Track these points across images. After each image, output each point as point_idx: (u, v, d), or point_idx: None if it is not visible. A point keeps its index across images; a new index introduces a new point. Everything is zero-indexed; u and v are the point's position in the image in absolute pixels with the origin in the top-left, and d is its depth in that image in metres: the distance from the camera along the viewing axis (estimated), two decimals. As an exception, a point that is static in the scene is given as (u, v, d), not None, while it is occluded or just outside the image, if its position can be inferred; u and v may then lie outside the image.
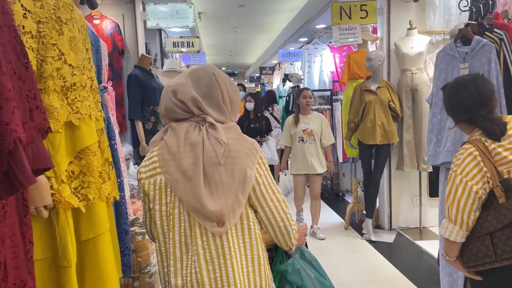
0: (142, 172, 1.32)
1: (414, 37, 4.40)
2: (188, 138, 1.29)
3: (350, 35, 4.64)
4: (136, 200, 2.63)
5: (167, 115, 1.34)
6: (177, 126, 1.31)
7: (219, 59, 17.06)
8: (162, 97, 1.36)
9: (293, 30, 8.24)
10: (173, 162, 1.28)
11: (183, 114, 1.32)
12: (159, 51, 6.37)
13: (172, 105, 1.31)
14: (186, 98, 1.30)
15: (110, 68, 4.27)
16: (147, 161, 1.34)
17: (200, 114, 1.32)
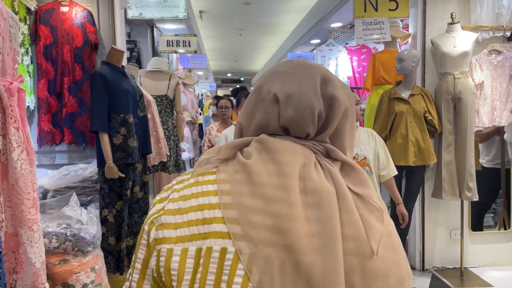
0: (167, 225, 0.71)
1: (457, 33, 3.54)
2: (305, 179, 0.71)
3: (376, 31, 3.79)
4: (71, 258, 1.79)
5: (266, 122, 0.77)
6: (280, 148, 0.74)
7: (223, 64, 16.29)
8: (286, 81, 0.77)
9: (304, 30, 7.42)
10: (268, 219, 0.68)
11: (302, 129, 0.76)
12: (151, 51, 5.56)
13: (311, 107, 0.75)
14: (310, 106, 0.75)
15: (80, 66, 3.45)
16: (181, 201, 0.72)
17: (314, 138, 0.78)
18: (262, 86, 0.79)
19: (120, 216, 2.88)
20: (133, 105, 2.89)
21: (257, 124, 0.78)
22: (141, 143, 2.99)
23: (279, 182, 0.69)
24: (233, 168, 0.73)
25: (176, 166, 3.88)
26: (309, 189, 0.70)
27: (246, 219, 0.67)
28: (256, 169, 0.71)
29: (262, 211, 0.67)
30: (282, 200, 0.67)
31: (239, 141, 0.77)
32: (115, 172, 2.75)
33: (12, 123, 1.25)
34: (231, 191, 0.70)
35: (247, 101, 0.81)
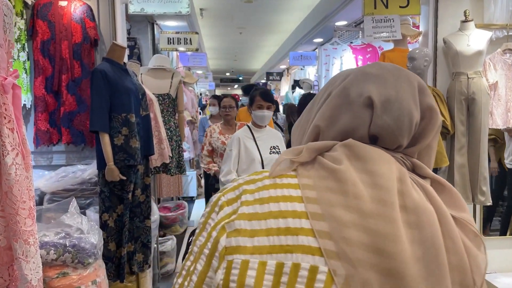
0: (242, 232, 0.61)
1: (471, 31, 3.42)
2: (404, 195, 0.62)
3: (386, 29, 3.67)
4: (71, 271, 1.64)
5: (353, 128, 0.68)
6: (373, 156, 0.64)
7: (222, 63, 16.16)
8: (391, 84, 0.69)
9: (307, 29, 7.29)
10: (364, 236, 0.58)
11: (395, 139, 0.67)
12: (151, 49, 5.42)
13: (410, 116, 0.67)
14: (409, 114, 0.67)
15: (79, 63, 3.30)
16: (257, 205, 0.63)
17: (403, 151, 0.69)
18: (349, 88, 0.70)
19: (120, 220, 2.74)
20: (135, 104, 2.75)
21: (340, 129, 0.69)
22: (143, 144, 2.85)
23: (376, 195, 0.61)
24: (317, 173, 0.64)
25: (179, 168, 3.74)
26: (410, 207, 0.61)
27: (340, 234, 0.58)
28: (349, 177, 0.62)
29: (358, 226, 0.59)
30: (381, 216, 0.59)
31: (321, 144, 0.68)
32: (116, 174, 2.61)
33: (5, 123, 1.11)
34: (319, 199, 0.61)
35: (328, 103, 0.71)
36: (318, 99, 0.75)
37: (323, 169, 0.64)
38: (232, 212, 0.63)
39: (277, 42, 11.20)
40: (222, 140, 3.62)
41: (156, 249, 3.58)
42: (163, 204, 4.64)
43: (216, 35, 10.63)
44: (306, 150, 0.67)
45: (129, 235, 2.82)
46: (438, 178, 0.67)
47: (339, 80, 0.73)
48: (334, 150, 0.67)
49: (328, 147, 0.68)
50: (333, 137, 0.69)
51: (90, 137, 3.14)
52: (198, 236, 0.65)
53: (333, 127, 0.69)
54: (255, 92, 3.05)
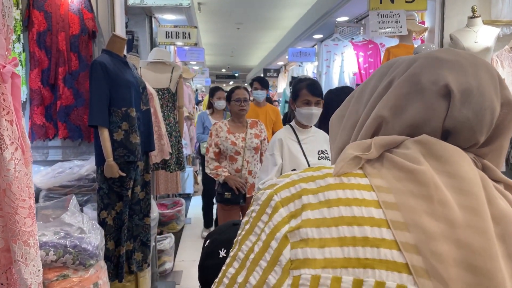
0: (310, 242, 0.51)
1: (479, 28, 3.36)
2: (491, 202, 0.53)
3: (391, 24, 3.60)
4: (71, 273, 1.55)
5: (427, 121, 0.59)
6: (453, 156, 0.56)
7: (219, 59, 16.05)
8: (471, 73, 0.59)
9: (307, 25, 7.20)
10: (455, 251, 0.50)
11: (473, 135, 0.58)
12: (149, 43, 5.31)
13: (492, 109, 0.58)
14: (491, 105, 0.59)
15: (77, 55, 3.20)
16: (324, 209, 0.53)
17: (474, 150, 0.61)
18: (420, 74, 0.60)
19: (120, 218, 2.65)
20: (136, 98, 2.66)
21: (409, 121, 0.60)
22: (144, 140, 2.76)
23: (463, 202, 0.51)
24: (391, 173, 0.56)
25: (178, 164, 3.65)
26: (498, 217, 0.52)
27: (429, 248, 0.49)
28: (430, 180, 0.53)
29: (448, 238, 0.50)
30: (473, 227, 0.50)
31: (389, 140, 0.59)
32: (116, 170, 2.52)
33: (4, 115, 1.02)
34: (400, 205, 0.52)
35: (393, 91, 0.62)
36: (369, 87, 0.66)
37: (396, 168, 0.56)
38: (290, 216, 0.53)
39: (275, 38, 11.11)
40: (232, 140, 3.14)
41: (154, 248, 3.49)
42: (159, 201, 4.55)
43: (213, 31, 10.52)
44: (375, 146, 0.58)
45: (128, 234, 2.73)
46: (510, 182, 0.60)
47: (402, 66, 0.64)
48: (405, 147, 0.58)
49: (397, 142, 0.59)
50: (399, 130, 0.60)
51: (88, 132, 3.04)
52: (244, 240, 0.55)
53: (400, 118, 0.60)
54: (300, 84, 2.47)
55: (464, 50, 0.65)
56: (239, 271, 0.54)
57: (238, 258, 0.55)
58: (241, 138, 3.17)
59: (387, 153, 0.59)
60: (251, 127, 3.26)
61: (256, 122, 3.30)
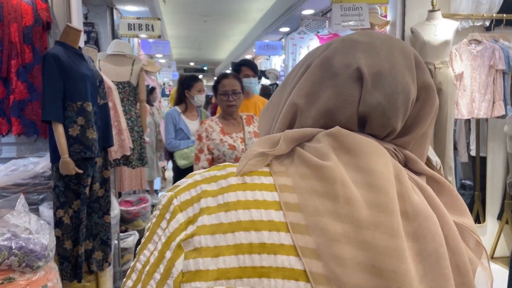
0: (204, 251, 0.47)
1: (438, 21, 3.42)
2: (404, 198, 0.49)
3: (354, 17, 3.62)
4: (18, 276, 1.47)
5: (339, 110, 0.55)
6: (365, 148, 0.52)
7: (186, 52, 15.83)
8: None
9: (273, 18, 7.18)
10: (360, 253, 0.46)
11: (387, 122, 0.54)
12: (110, 35, 5.16)
13: (406, 92, 0.55)
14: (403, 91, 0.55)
15: (30, 47, 3.05)
16: (222, 213, 0.49)
17: (394, 141, 0.57)
18: (333, 58, 0.57)
19: (77, 217, 2.56)
20: (92, 92, 2.56)
21: (323, 108, 0.55)
22: (102, 135, 2.66)
23: (372, 198, 0.48)
24: (297, 170, 0.51)
25: (140, 160, 3.56)
26: (411, 213, 0.49)
27: (331, 252, 0.46)
28: (338, 176, 0.49)
29: (352, 240, 0.46)
30: (380, 226, 0.47)
31: (301, 133, 0.54)
32: (72, 167, 2.42)
33: None
34: (302, 205, 0.48)
35: (307, 76, 0.58)
36: (293, 74, 0.62)
37: (305, 164, 0.51)
38: (188, 222, 0.49)
39: (243, 31, 11.04)
40: (229, 143, 2.50)
41: (117, 246, 3.41)
42: (124, 198, 4.45)
43: (179, 23, 10.34)
44: (284, 140, 0.53)
45: (87, 232, 2.64)
46: (434, 175, 0.56)
47: (320, 50, 0.60)
48: (317, 140, 0.54)
49: (310, 135, 0.55)
50: (314, 118, 0.56)
51: (43, 128, 2.92)
52: (142, 249, 0.50)
53: (314, 105, 0.56)
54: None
55: (382, 33, 0.64)
56: (136, 284, 0.49)
57: (136, 269, 0.50)
58: (240, 139, 2.52)
59: (299, 147, 0.54)
60: (248, 124, 2.60)
61: (251, 117, 2.67)
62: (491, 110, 3.48)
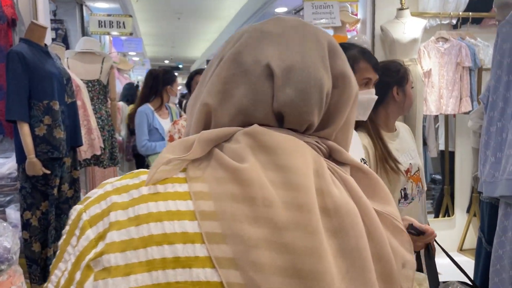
0: (113, 270, 0.43)
1: (406, 19, 3.48)
2: (324, 193, 0.48)
3: (325, 15, 3.65)
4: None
5: (253, 108, 0.53)
6: (283, 145, 0.50)
7: (160, 50, 15.65)
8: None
9: (247, 15, 7.18)
10: (279, 257, 0.44)
11: (303, 117, 0.53)
12: (80, 32, 5.06)
13: (320, 85, 0.53)
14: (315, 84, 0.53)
15: (-6, 45, 2.96)
16: (132, 227, 0.45)
17: (315, 133, 0.55)
18: (243, 53, 0.54)
19: (45, 218, 2.50)
20: (59, 90, 2.50)
21: (238, 107, 0.53)
22: (70, 134, 2.61)
23: (290, 198, 0.46)
24: (213, 174, 0.48)
25: (112, 160, 3.50)
26: (331, 208, 0.48)
27: (249, 259, 0.44)
28: (255, 178, 0.47)
29: (271, 244, 0.44)
30: (299, 227, 0.45)
31: (218, 133, 0.52)
32: (38, 168, 2.37)
33: None
34: (218, 213, 0.45)
35: (218, 73, 0.55)
36: (211, 68, 0.57)
37: (221, 168, 0.48)
38: (98, 238, 0.45)
39: (217, 29, 10.98)
40: None
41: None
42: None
43: (152, 20, 10.21)
44: (199, 143, 0.50)
45: (56, 234, 2.58)
46: (358, 164, 0.55)
47: (232, 42, 0.57)
48: (235, 140, 0.51)
49: (228, 135, 0.52)
50: (230, 117, 0.53)
51: (10, 128, 2.84)
52: (54, 269, 0.46)
53: (228, 104, 0.53)
54: (349, 54, 1.42)
55: (295, 18, 0.59)
56: None
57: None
58: None
59: (217, 149, 0.51)
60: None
61: None
62: (458, 106, 3.57)
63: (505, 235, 1.76)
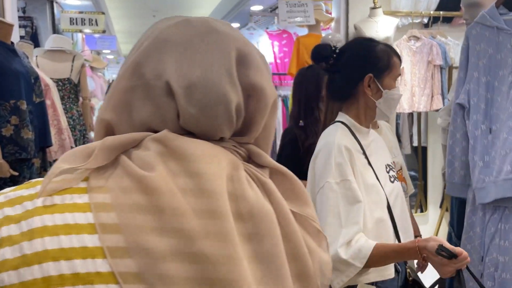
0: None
1: (379, 18, 3.53)
2: (237, 198, 0.47)
3: (300, 13, 3.66)
4: None
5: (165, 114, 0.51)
6: (195, 152, 0.48)
7: (137, 48, 15.44)
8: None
9: (223, 13, 7.14)
10: (190, 268, 0.43)
11: (213, 133, 0.51)
12: (51, 30, 4.93)
13: (225, 102, 0.51)
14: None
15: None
16: (25, 242, 0.42)
17: (234, 137, 0.54)
18: (144, 64, 0.51)
19: (14, 221, 2.43)
20: (27, 90, 2.43)
21: (142, 125, 0.50)
22: (38, 135, 2.54)
23: (202, 205, 0.45)
24: (118, 184, 0.45)
25: (84, 160, 3.42)
26: (245, 212, 0.47)
27: (156, 273, 0.42)
28: (163, 187, 0.45)
29: (181, 255, 0.43)
30: (211, 234, 0.44)
31: (124, 139, 0.49)
32: (6, 170, 2.30)
33: None
34: (122, 225, 0.43)
35: (116, 86, 0.52)
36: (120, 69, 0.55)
37: (127, 176, 0.46)
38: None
39: (193, 27, 10.90)
40: None
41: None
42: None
43: (127, 17, 10.06)
44: (101, 150, 0.47)
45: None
46: (277, 167, 0.54)
47: (136, 47, 0.53)
48: (145, 147, 0.48)
49: (136, 141, 0.49)
50: (134, 130, 0.51)
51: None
52: None
53: (130, 121, 0.51)
54: (379, 48, 1.38)
55: (206, 19, 0.55)
56: None
57: None
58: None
59: (124, 156, 0.48)
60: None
61: None
62: (430, 104, 3.64)
63: (472, 231, 1.79)
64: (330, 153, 1.27)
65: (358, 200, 1.22)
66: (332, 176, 1.24)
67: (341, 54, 1.38)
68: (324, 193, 1.25)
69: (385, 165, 1.40)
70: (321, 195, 1.26)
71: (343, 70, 1.37)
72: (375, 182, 1.30)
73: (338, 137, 1.31)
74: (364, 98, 1.35)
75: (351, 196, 1.23)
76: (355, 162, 1.28)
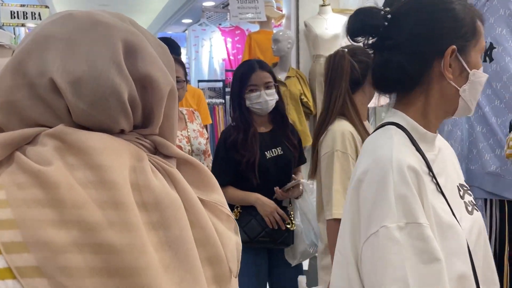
0: None
1: (328, 15, 3.61)
2: (141, 188, 0.48)
3: (251, 10, 3.67)
4: None
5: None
6: (95, 145, 0.48)
7: (86, 44, 14.95)
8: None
9: (174, 9, 7.02)
10: (95, 258, 0.44)
11: (110, 127, 0.51)
12: (-10, 23, 4.65)
13: (116, 94, 0.50)
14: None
15: None
16: None
17: (137, 130, 0.55)
18: (26, 62, 0.50)
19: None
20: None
21: (35, 123, 0.50)
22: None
23: (103, 197, 0.46)
24: (13, 180, 0.45)
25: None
26: (150, 202, 0.49)
27: (57, 265, 0.42)
28: (62, 180, 0.45)
29: (83, 246, 0.43)
30: (114, 224, 0.45)
31: (16, 135, 0.48)
32: None
33: None
34: (19, 220, 0.43)
35: (3, 82, 0.50)
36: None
37: (23, 172, 0.45)
38: None
39: (145, 23, 10.65)
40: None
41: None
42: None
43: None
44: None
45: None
46: (185, 156, 0.56)
47: (20, 44, 0.52)
48: (41, 143, 0.48)
49: (30, 137, 0.49)
50: (25, 127, 0.50)
51: None
52: None
53: (22, 121, 0.50)
54: (459, 7, 0.90)
55: (87, 13, 0.54)
56: None
57: None
58: (185, 139, 2.14)
59: (19, 152, 0.48)
60: (191, 121, 2.23)
61: (192, 112, 2.31)
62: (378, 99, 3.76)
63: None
64: (385, 179, 0.81)
65: (436, 257, 0.77)
66: (392, 218, 0.78)
67: (398, 21, 0.92)
68: (378, 244, 0.79)
69: (457, 186, 0.95)
70: (372, 246, 0.80)
71: (404, 44, 0.90)
72: (451, 219, 0.85)
73: (396, 150, 0.85)
74: (440, 85, 0.89)
75: (425, 251, 0.77)
76: (425, 190, 0.82)
